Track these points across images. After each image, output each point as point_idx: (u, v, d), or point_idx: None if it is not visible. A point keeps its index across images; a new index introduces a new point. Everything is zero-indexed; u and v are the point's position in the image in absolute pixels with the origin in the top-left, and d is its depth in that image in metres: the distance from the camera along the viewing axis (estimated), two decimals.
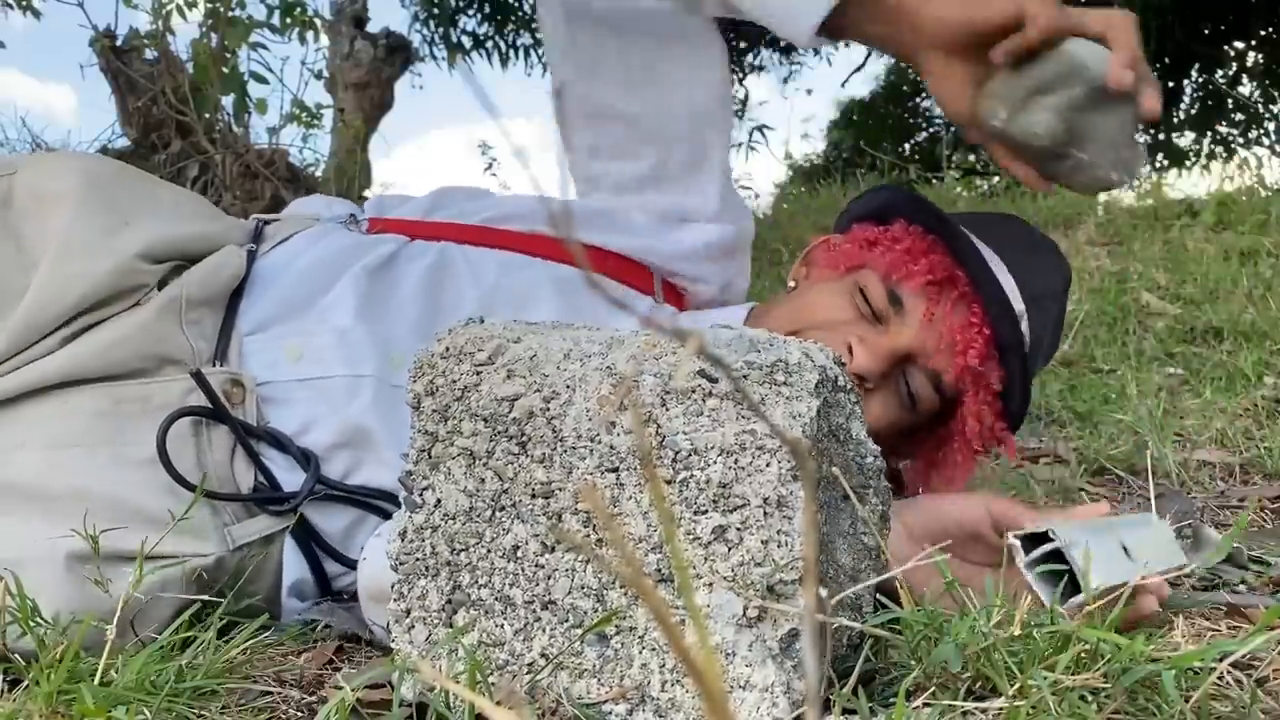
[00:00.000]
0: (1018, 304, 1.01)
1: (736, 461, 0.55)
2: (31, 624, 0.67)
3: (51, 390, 0.79)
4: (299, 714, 0.66)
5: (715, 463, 0.55)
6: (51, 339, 0.81)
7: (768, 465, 0.55)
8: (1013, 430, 1.05)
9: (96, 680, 0.61)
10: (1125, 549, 0.71)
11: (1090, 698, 0.53)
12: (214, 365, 0.84)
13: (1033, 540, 0.67)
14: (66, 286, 0.81)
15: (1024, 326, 1.01)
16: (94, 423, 0.79)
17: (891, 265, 1.00)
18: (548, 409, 0.59)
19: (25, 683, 0.63)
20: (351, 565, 0.85)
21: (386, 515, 0.87)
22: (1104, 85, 0.81)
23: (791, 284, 1.14)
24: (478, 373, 0.61)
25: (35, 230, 0.85)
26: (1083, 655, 0.55)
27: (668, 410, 0.56)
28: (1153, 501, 0.73)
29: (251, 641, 0.70)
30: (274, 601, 0.86)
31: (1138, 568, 0.68)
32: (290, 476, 0.84)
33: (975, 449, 1.03)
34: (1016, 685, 0.53)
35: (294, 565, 0.86)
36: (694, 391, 0.56)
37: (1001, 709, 0.52)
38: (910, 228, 1.05)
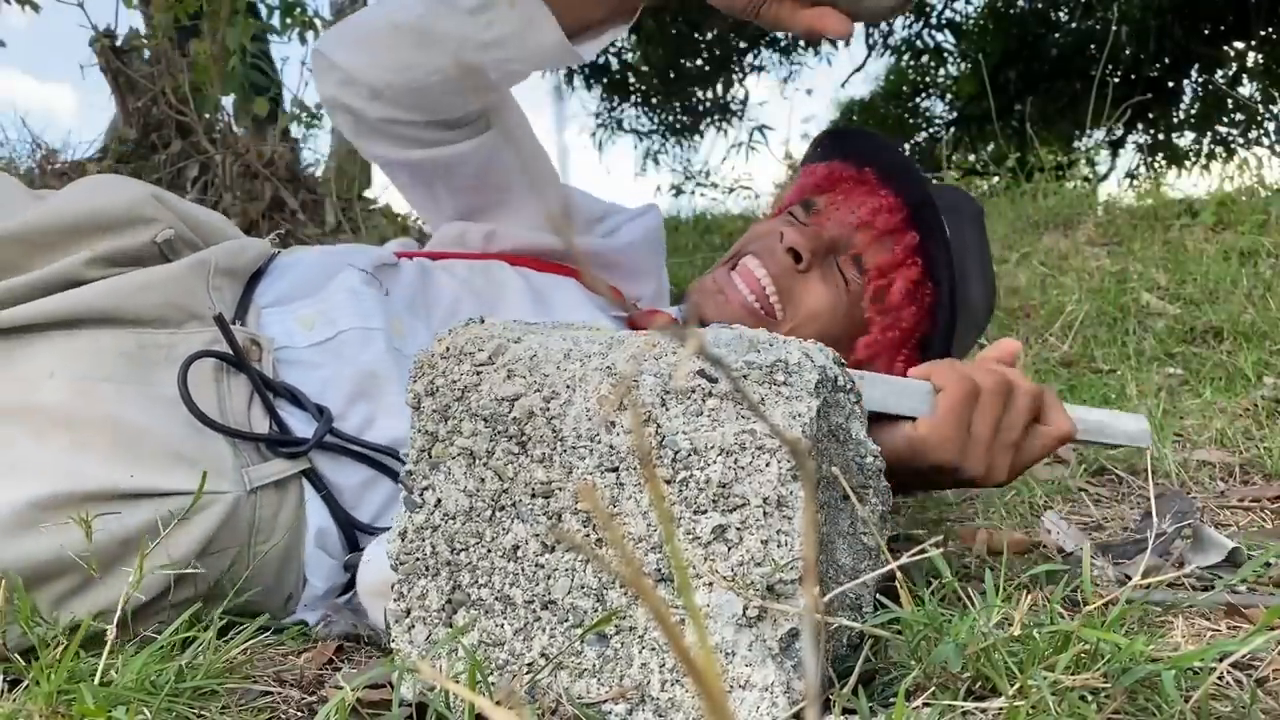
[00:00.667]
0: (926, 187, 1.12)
1: (736, 461, 0.55)
2: (31, 624, 0.67)
3: (82, 326, 0.82)
4: (299, 714, 0.66)
5: (715, 462, 0.55)
6: (74, 258, 0.84)
7: (767, 465, 0.55)
8: (954, 312, 1.11)
9: (96, 680, 0.61)
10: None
11: (1090, 698, 0.53)
12: (235, 325, 0.89)
13: None
14: (82, 199, 0.87)
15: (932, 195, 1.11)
16: (121, 361, 0.82)
17: (796, 189, 1.17)
18: (548, 409, 0.59)
19: (25, 683, 0.63)
20: (361, 528, 0.89)
21: (395, 474, 0.89)
22: None
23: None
24: (478, 373, 0.61)
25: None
26: (1083, 655, 0.55)
27: (668, 410, 0.56)
28: (1153, 501, 0.73)
29: (251, 641, 0.70)
30: (293, 559, 0.87)
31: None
32: (305, 430, 0.88)
33: (888, 308, 1.11)
34: (1016, 685, 0.53)
35: (317, 514, 0.88)
36: (694, 391, 0.56)
37: (1001, 709, 0.52)
38: (834, 165, 1.18)
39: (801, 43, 7.54)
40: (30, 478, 0.74)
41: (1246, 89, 6.93)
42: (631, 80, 7.73)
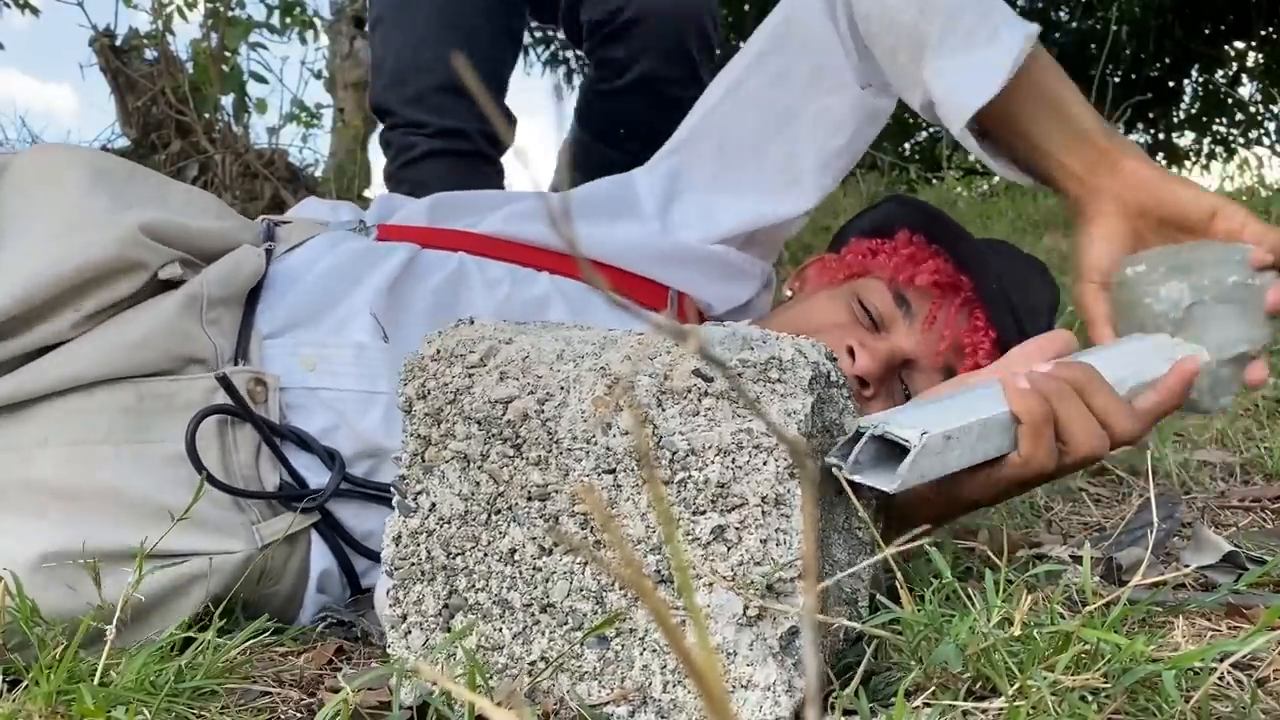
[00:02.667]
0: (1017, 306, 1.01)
1: (734, 461, 0.55)
2: (31, 624, 0.67)
3: (74, 391, 0.78)
4: (298, 714, 0.66)
5: (713, 462, 0.55)
6: (62, 319, 0.79)
7: (765, 464, 0.55)
8: None
9: (96, 680, 0.61)
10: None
11: (1090, 698, 0.53)
12: (236, 364, 0.85)
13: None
14: (66, 252, 0.79)
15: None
16: (119, 419, 0.78)
17: (896, 269, 1.00)
18: (542, 411, 0.59)
19: (25, 683, 0.63)
20: (377, 558, 0.86)
21: None
22: (1246, 283, 0.82)
23: (787, 293, 1.14)
24: (470, 375, 0.61)
25: (20, 203, 0.83)
26: (1083, 655, 0.55)
27: (664, 410, 0.56)
28: (1153, 502, 0.73)
29: (251, 642, 0.70)
30: (296, 599, 0.87)
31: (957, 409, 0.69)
32: (314, 477, 0.85)
33: None
34: (1016, 685, 0.53)
35: (320, 559, 0.86)
36: (690, 391, 0.56)
37: (1001, 709, 0.52)
38: (914, 237, 1.04)
39: None
40: (38, 538, 0.73)
41: (1247, 89, 6.93)
42: None
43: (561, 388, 0.59)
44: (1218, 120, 7.06)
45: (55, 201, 0.83)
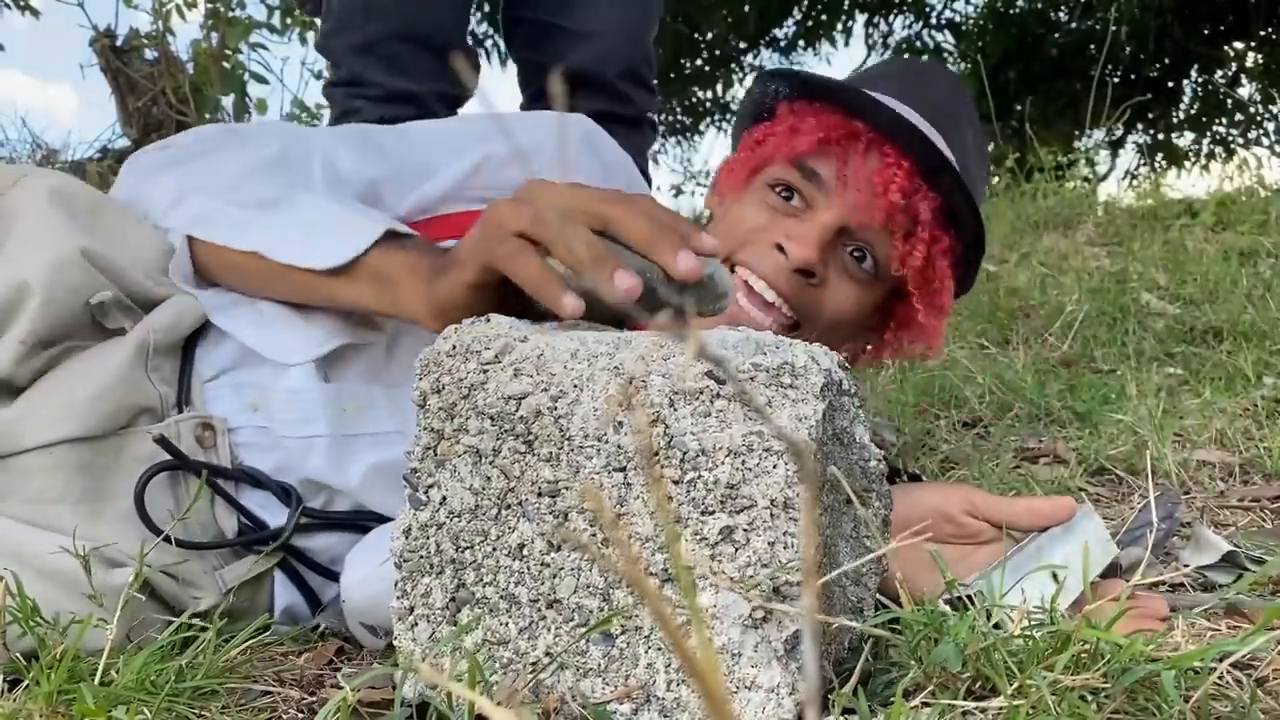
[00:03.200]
0: (924, 126, 0.96)
1: (744, 463, 0.55)
2: (32, 624, 0.67)
3: (30, 451, 0.77)
4: (299, 714, 0.66)
5: (723, 463, 0.55)
6: (5, 356, 0.77)
7: (775, 467, 0.55)
8: (976, 258, 1.01)
9: (96, 680, 0.61)
10: (1054, 574, 0.75)
11: (1090, 697, 0.53)
12: (181, 410, 0.83)
13: None
14: (14, 271, 0.79)
15: (943, 146, 0.96)
16: (75, 477, 0.77)
17: (784, 147, 0.96)
18: (555, 408, 0.59)
19: (25, 682, 0.63)
20: (336, 578, 0.85)
21: (368, 529, 0.87)
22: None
23: (707, 213, 1.10)
24: (484, 371, 0.61)
25: (7, 243, 0.83)
26: (1082, 655, 0.55)
27: (676, 411, 0.56)
28: (1152, 502, 0.73)
29: (251, 641, 0.70)
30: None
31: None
32: (272, 516, 0.84)
33: (931, 289, 0.99)
34: (1016, 685, 0.53)
35: (284, 595, 0.86)
36: (702, 392, 0.56)
37: (1001, 709, 0.52)
38: (792, 105, 1.00)
39: (801, 42, 7.53)
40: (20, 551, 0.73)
41: (1246, 89, 6.93)
42: None
43: (575, 385, 0.59)
44: (1217, 120, 7.07)
45: (15, 232, 0.83)
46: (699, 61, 7.61)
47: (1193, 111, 7.12)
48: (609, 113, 1.78)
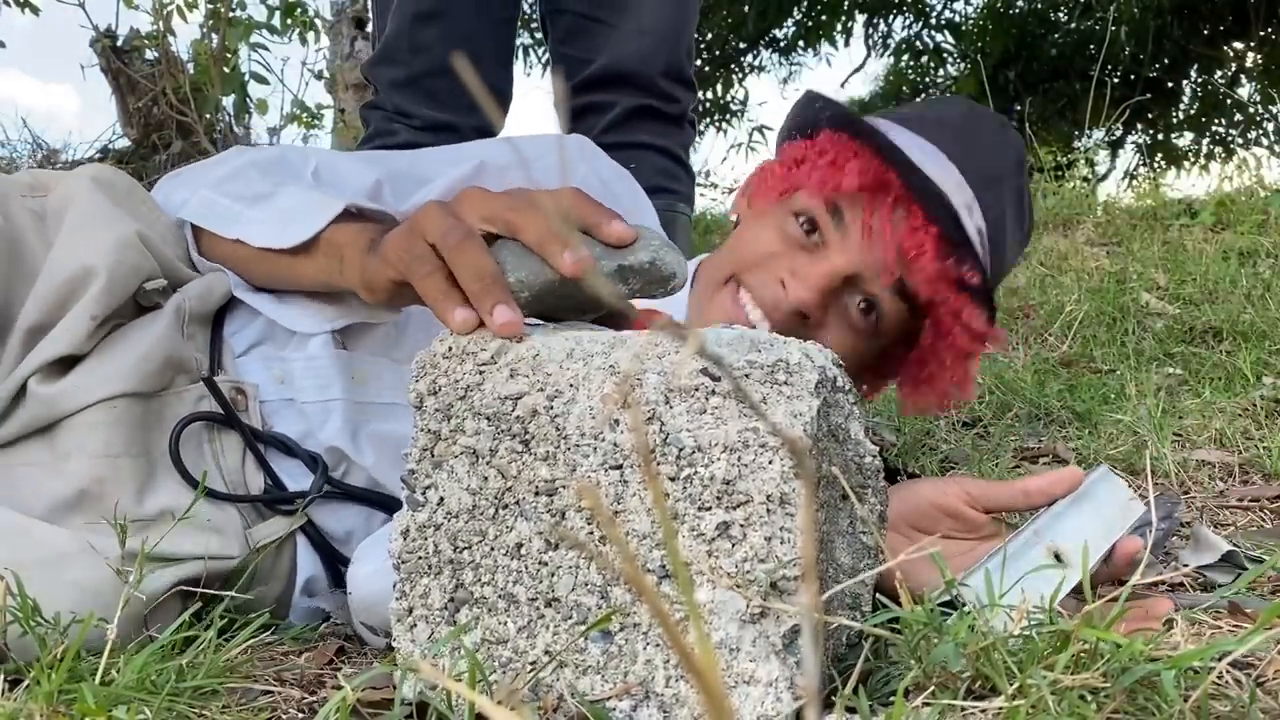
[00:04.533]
0: (962, 194, 0.94)
1: (740, 458, 0.55)
2: (32, 624, 0.67)
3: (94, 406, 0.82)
4: (299, 714, 0.66)
5: (719, 459, 0.55)
6: (78, 329, 0.82)
7: (770, 463, 0.55)
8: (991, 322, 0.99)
9: (97, 680, 0.61)
10: (1058, 554, 0.74)
11: (1090, 697, 0.53)
12: (216, 374, 0.88)
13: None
14: (70, 257, 0.84)
15: (975, 215, 0.95)
16: (134, 432, 0.82)
17: (818, 179, 0.94)
18: (551, 407, 0.59)
19: (26, 682, 0.63)
20: (347, 562, 0.87)
21: (390, 514, 0.89)
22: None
23: (734, 218, 1.08)
24: (480, 372, 0.62)
25: (59, 233, 0.89)
26: (1082, 654, 0.55)
27: (671, 408, 0.57)
28: (1151, 502, 0.73)
29: (252, 641, 0.70)
30: (284, 602, 0.89)
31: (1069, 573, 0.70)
32: (298, 479, 0.87)
33: (964, 351, 0.97)
34: (1016, 684, 0.53)
35: (307, 564, 0.89)
36: (697, 389, 0.57)
37: (1001, 708, 0.52)
38: (835, 136, 0.97)
39: (801, 42, 7.54)
40: (58, 538, 0.76)
41: (1246, 89, 6.93)
42: None
43: (571, 385, 0.59)
44: (1216, 121, 7.07)
45: (70, 214, 0.88)
46: (699, 62, 7.63)
47: (1192, 111, 7.13)
48: (652, 109, 1.76)
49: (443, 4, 1.69)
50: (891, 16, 7.46)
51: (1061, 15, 7.02)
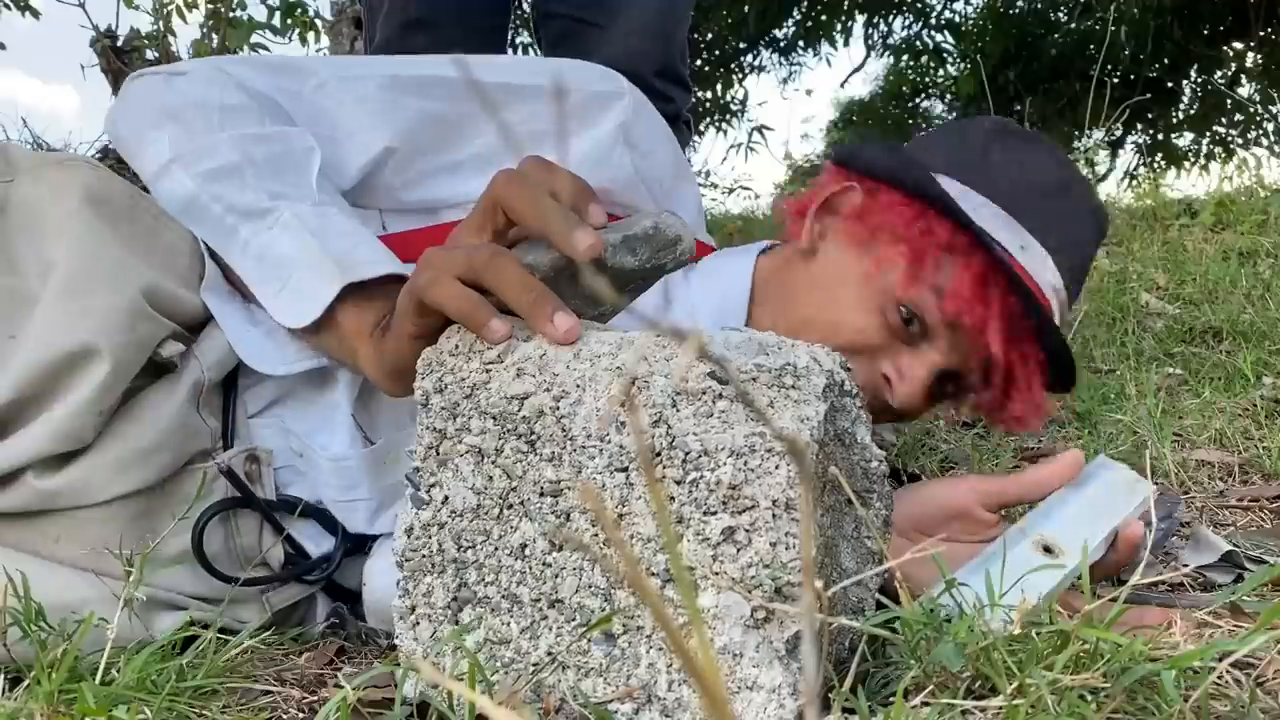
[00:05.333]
0: (1054, 282, 0.93)
1: (746, 463, 0.55)
2: (34, 627, 0.67)
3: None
4: (299, 714, 0.66)
5: (725, 464, 0.55)
6: (82, 423, 0.74)
7: (777, 468, 0.55)
8: (1066, 388, 0.98)
9: (97, 679, 0.61)
10: (1047, 547, 0.74)
11: (1089, 697, 0.53)
12: (226, 442, 0.84)
13: None
14: (73, 324, 0.74)
15: (1057, 303, 0.94)
16: (130, 526, 0.77)
17: (956, 309, 0.89)
18: (557, 408, 0.59)
19: (27, 682, 0.63)
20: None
21: None
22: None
23: (805, 244, 0.99)
24: (487, 370, 0.61)
25: (29, 251, 0.79)
26: (1082, 654, 0.55)
27: (678, 411, 0.56)
28: (1151, 502, 0.73)
29: (252, 641, 0.70)
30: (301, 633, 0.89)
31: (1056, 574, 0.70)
32: (313, 544, 0.87)
33: (1021, 418, 0.96)
34: (1015, 684, 0.53)
35: (324, 610, 0.90)
36: (704, 393, 0.56)
37: (1001, 708, 0.52)
38: (956, 239, 0.91)
39: (801, 42, 7.53)
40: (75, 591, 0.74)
41: (1245, 89, 6.93)
42: None
43: (577, 385, 0.59)
44: (1216, 121, 7.07)
45: (60, 254, 0.77)
46: (699, 62, 7.62)
47: (1192, 112, 7.13)
48: None
49: (432, 13, 1.71)
50: (891, 16, 7.46)
51: (1061, 15, 7.02)
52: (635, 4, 1.72)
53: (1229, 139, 7.04)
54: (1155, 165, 7.19)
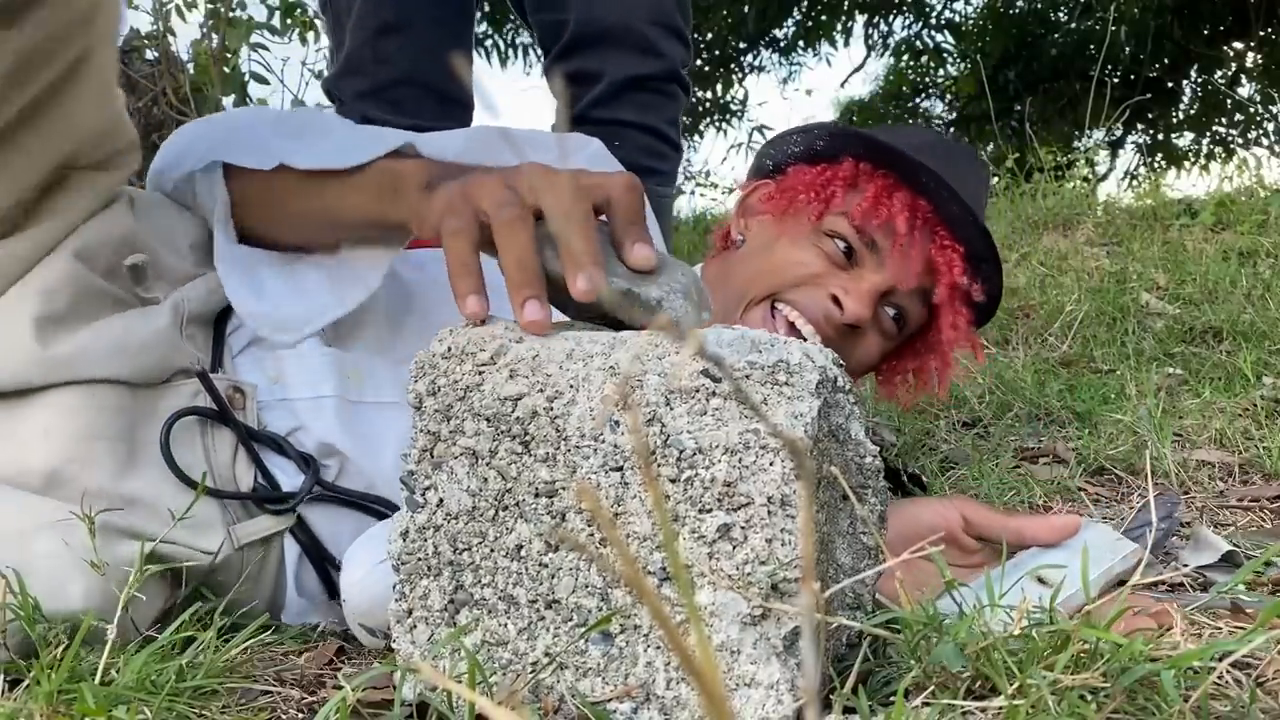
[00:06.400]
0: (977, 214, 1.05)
1: (741, 460, 0.55)
2: (33, 622, 0.67)
3: (78, 384, 0.80)
4: (299, 714, 0.66)
5: (720, 461, 0.55)
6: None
7: (771, 464, 0.55)
8: (981, 325, 1.15)
9: (97, 680, 0.61)
10: (1041, 579, 0.77)
11: (1089, 697, 0.53)
12: (215, 373, 0.87)
13: None
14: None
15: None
16: (114, 418, 0.80)
17: (865, 213, 1.03)
18: (551, 408, 0.59)
19: (26, 682, 0.63)
20: (338, 566, 0.86)
21: (382, 518, 0.88)
22: None
23: (737, 238, 1.16)
24: (480, 373, 0.61)
25: None
26: (1082, 655, 0.55)
27: (672, 409, 0.57)
28: (1151, 502, 0.73)
29: (252, 641, 0.70)
30: (276, 604, 0.88)
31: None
32: (287, 481, 0.87)
33: (949, 353, 1.11)
34: (1016, 684, 0.53)
35: (295, 564, 0.88)
36: (698, 391, 0.57)
37: (1001, 708, 0.52)
38: (860, 165, 1.07)
39: (801, 42, 7.53)
40: (43, 508, 0.75)
41: (1246, 89, 6.93)
42: None
43: (571, 386, 0.59)
44: (1216, 121, 7.07)
45: None
46: (699, 62, 7.63)
47: (1192, 112, 7.13)
48: (636, 78, 1.71)
49: (404, 17, 1.73)
50: (891, 16, 7.46)
51: (1061, 15, 7.02)
52: None
53: (1229, 139, 7.04)
54: (1155, 165, 7.19)
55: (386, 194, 0.78)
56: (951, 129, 7.57)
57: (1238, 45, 6.76)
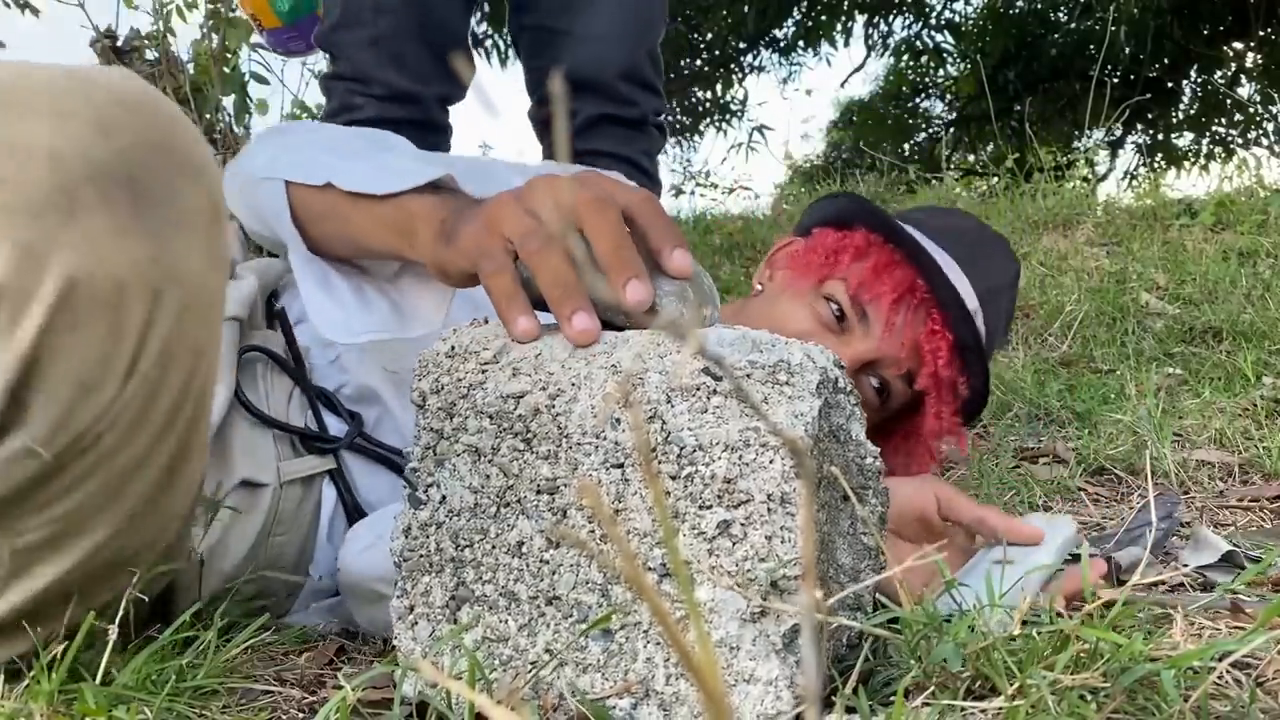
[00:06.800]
0: (971, 303, 1.06)
1: (741, 457, 0.55)
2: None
3: None
4: (299, 714, 0.66)
5: (720, 458, 0.55)
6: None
7: (771, 462, 0.55)
8: (969, 422, 1.13)
9: (97, 679, 0.61)
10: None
11: (1089, 697, 0.53)
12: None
13: None
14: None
15: (979, 323, 1.06)
16: (229, 350, 0.89)
17: (861, 284, 1.05)
18: (553, 406, 0.59)
19: (26, 681, 0.63)
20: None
21: None
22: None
23: (758, 287, 1.19)
24: (483, 371, 0.62)
25: None
26: (1082, 654, 0.55)
27: (673, 407, 0.57)
28: (1151, 502, 0.73)
29: (252, 641, 0.70)
30: (307, 551, 0.92)
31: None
32: (335, 429, 0.94)
33: (933, 443, 1.11)
34: (1016, 684, 0.53)
35: (330, 513, 0.93)
36: (699, 389, 0.57)
37: (1001, 708, 0.52)
38: (871, 237, 1.09)
39: (801, 42, 7.54)
40: None
41: (1245, 89, 6.93)
42: None
43: (572, 384, 0.59)
44: (1216, 121, 7.08)
45: None
46: (698, 62, 7.63)
47: (1192, 112, 7.14)
48: (610, 115, 1.81)
49: (395, 31, 1.72)
50: (891, 16, 7.46)
51: (1061, 15, 7.02)
52: (603, 11, 1.77)
53: (1229, 139, 7.04)
54: (1155, 165, 7.19)
55: (404, 233, 0.80)
56: (951, 129, 7.58)
57: (1238, 45, 6.77)
